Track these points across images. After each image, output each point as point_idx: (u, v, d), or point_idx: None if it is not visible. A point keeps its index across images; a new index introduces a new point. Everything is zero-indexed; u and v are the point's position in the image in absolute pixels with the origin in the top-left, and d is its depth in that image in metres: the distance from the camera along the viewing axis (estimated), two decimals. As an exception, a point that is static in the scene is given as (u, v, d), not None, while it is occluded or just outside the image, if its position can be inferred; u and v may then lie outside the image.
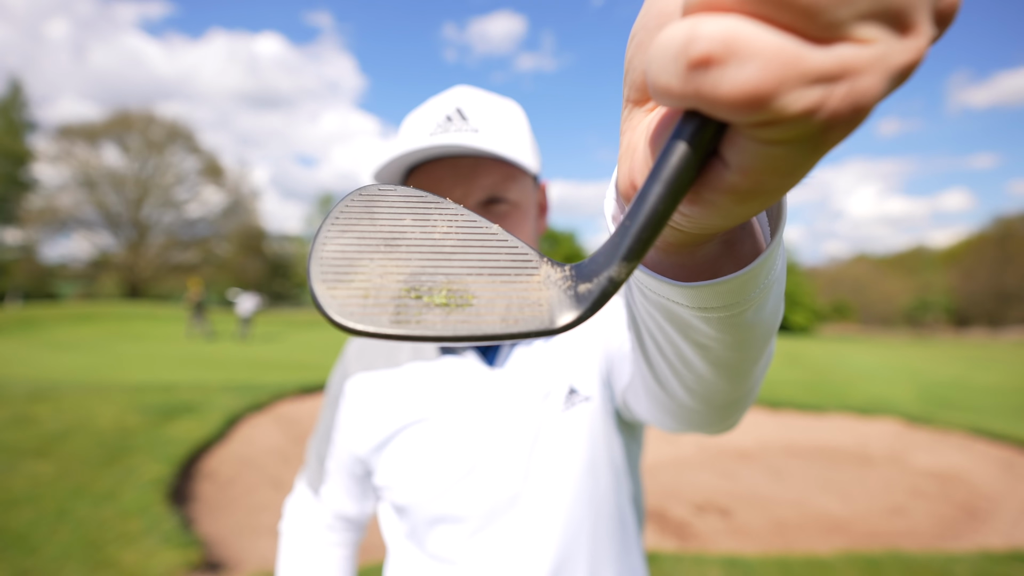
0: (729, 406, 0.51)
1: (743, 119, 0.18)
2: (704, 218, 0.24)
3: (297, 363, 11.00)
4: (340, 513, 0.95)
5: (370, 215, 0.26)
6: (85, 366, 9.50)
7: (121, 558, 2.95)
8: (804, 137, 0.19)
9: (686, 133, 0.20)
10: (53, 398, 6.21)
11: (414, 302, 0.23)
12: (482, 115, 0.79)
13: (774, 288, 0.35)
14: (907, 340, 32.09)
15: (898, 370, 13.78)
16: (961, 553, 3.35)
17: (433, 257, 0.25)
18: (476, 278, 0.24)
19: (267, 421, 6.11)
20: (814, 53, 0.17)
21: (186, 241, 42.77)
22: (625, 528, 0.85)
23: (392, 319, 0.22)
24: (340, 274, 0.24)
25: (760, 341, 0.40)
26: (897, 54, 0.18)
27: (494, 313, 0.23)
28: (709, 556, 3.27)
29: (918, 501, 4.47)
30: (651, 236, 0.22)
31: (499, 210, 0.78)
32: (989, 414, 7.72)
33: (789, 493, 4.56)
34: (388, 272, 0.24)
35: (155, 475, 4.12)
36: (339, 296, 0.23)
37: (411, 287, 0.24)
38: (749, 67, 0.17)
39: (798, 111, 0.17)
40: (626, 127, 0.27)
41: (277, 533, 3.50)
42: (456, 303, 0.23)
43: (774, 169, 0.20)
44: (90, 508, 3.52)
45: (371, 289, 0.23)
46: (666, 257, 0.32)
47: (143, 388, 7.14)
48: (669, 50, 0.18)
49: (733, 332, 0.36)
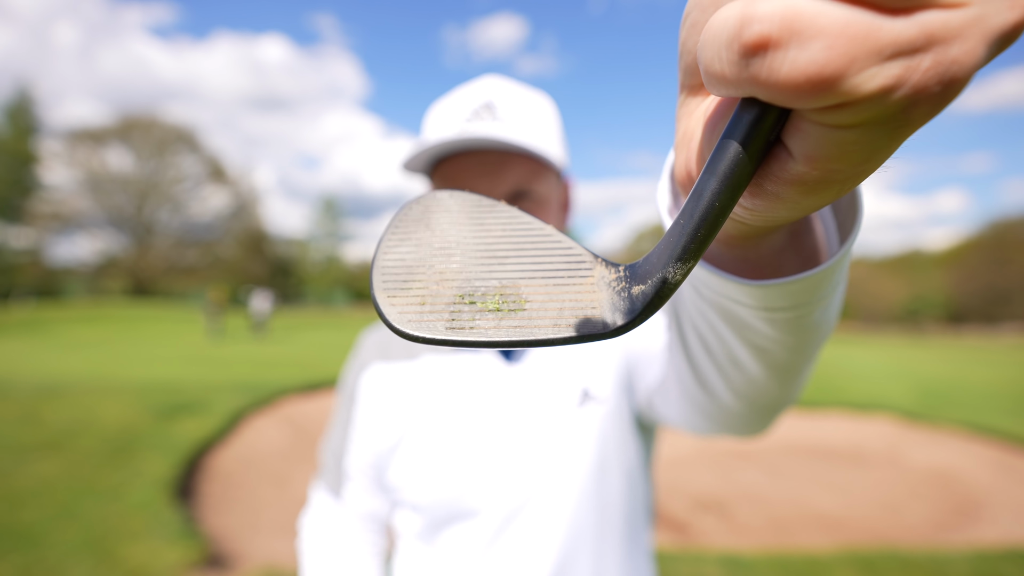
0: (772, 408, 0.48)
1: (808, 104, 0.16)
2: (768, 211, 0.22)
3: (301, 362, 11.04)
4: (367, 513, 0.90)
5: (427, 222, 0.27)
6: (91, 365, 9.58)
7: (126, 554, 3.00)
8: (882, 118, 0.16)
9: (744, 123, 0.19)
10: (60, 397, 6.29)
11: (467, 307, 0.23)
12: (511, 108, 0.77)
13: (841, 286, 0.32)
14: (903, 339, 31.90)
15: (894, 369, 13.73)
16: (957, 550, 3.36)
17: (487, 262, 0.25)
18: (529, 282, 0.24)
19: (271, 420, 6.17)
20: (891, 23, 0.15)
21: (191, 242, 43.04)
22: (634, 531, 0.83)
23: (447, 325, 0.23)
24: (399, 283, 0.24)
25: (820, 342, 0.37)
26: (998, 12, 0.15)
27: (546, 317, 0.23)
28: (707, 554, 3.29)
29: (914, 499, 4.48)
30: (709, 235, 0.20)
31: (524, 205, 0.77)
32: (985, 412, 7.70)
33: (786, 491, 4.58)
34: (444, 279, 0.25)
35: (160, 473, 4.17)
36: (398, 304, 0.24)
37: (465, 293, 0.24)
38: (813, 47, 0.15)
39: (873, 90, 0.15)
40: (682, 113, 0.25)
41: (280, 529, 3.56)
42: (508, 308, 0.23)
43: (846, 156, 0.18)
44: (96, 505, 3.58)
45: (427, 296, 0.24)
46: (728, 251, 0.30)
47: (149, 387, 7.21)
48: (721, 35, 0.17)
49: (796, 334, 0.33)
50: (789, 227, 0.29)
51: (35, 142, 37.16)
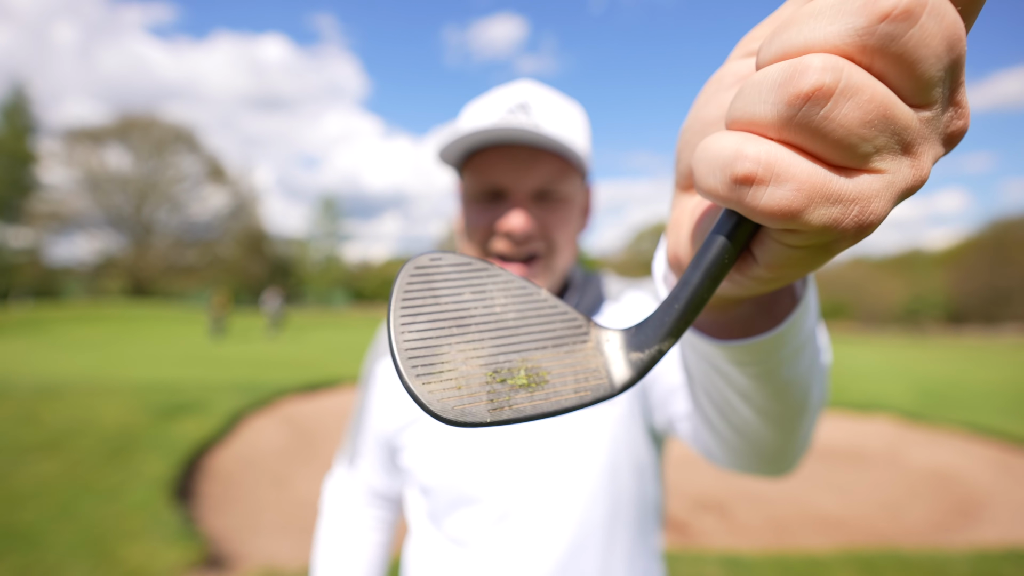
0: (776, 454, 0.52)
1: (774, 227, 0.22)
2: (731, 292, 0.29)
3: (300, 362, 11.04)
4: (373, 488, 0.99)
5: (433, 294, 0.28)
6: (90, 365, 9.57)
7: (125, 555, 2.99)
8: (819, 244, 0.23)
9: (725, 230, 0.24)
10: (59, 397, 6.28)
11: (500, 386, 0.26)
12: (546, 109, 0.81)
13: (805, 349, 0.38)
14: (903, 340, 31.91)
15: (894, 369, 13.74)
16: (957, 551, 3.36)
17: (502, 335, 0.27)
18: (542, 352, 0.27)
19: (270, 420, 6.16)
20: (837, 180, 0.21)
21: (190, 242, 42.99)
22: (644, 531, 0.85)
23: (488, 408, 0.25)
24: (427, 365, 0.25)
25: (798, 395, 0.43)
26: (903, 179, 0.21)
27: (567, 387, 0.26)
28: (707, 554, 3.29)
29: (914, 499, 4.48)
30: (693, 316, 0.26)
31: (551, 203, 0.80)
32: (985, 412, 7.70)
33: (786, 491, 4.57)
34: (469, 357, 0.26)
35: (159, 473, 4.16)
36: (435, 391, 0.25)
37: (494, 371, 0.26)
38: (785, 188, 0.20)
39: (819, 225, 0.21)
40: (674, 205, 0.32)
41: (279, 530, 3.56)
42: (535, 382, 0.26)
43: (792, 266, 0.25)
44: (95, 505, 3.57)
45: (460, 378, 0.25)
46: (704, 316, 0.38)
47: (148, 387, 7.20)
48: (717, 160, 0.22)
49: (770, 385, 0.40)
50: (753, 300, 0.36)
51: (33, 141, 37.10)
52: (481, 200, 0.81)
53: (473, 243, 0.82)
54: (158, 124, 40.48)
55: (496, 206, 0.79)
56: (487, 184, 0.79)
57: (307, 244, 51.46)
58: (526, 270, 0.80)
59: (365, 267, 55.06)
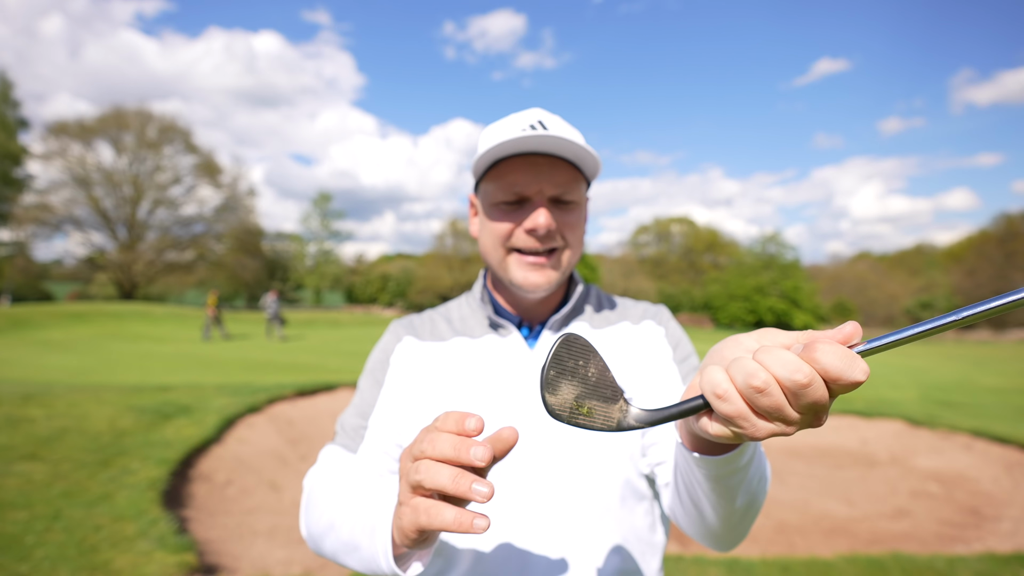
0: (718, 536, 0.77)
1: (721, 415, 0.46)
2: (700, 431, 0.51)
3: (293, 364, 10.93)
4: (379, 473, 0.90)
5: (570, 356, 0.51)
6: (78, 367, 9.41)
7: (115, 562, 2.90)
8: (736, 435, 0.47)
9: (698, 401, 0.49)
10: (46, 399, 6.13)
11: (576, 411, 0.50)
12: (559, 126, 0.95)
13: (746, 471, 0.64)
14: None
15: (901, 371, 13.82)
16: (964, 556, 3.33)
17: (586, 388, 0.51)
18: (596, 402, 0.51)
19: (263, 423, 6.05)
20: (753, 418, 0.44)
21: (181, 240, 42.53)
22: (652, 530, 0.91)
23: (568, 417, 0.50)
24: (554, 388, 0.50)
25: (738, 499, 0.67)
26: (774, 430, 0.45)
27: (598, 421, 0.51)
28: (710, 557, 3.25)
29: (921, 503, 4.45)
30: (667, 421, 0.51)
31: (565, 207, 0.93)
32: (992, 416, 7.72)
33: (791, 495, 4.54)
34: (570, 392, 0.50)
35: (149, 477, 4.06)
36: (553, 403, 0.50)
37: (578, 403, 0.50)
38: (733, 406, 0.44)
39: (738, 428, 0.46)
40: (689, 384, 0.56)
41: (272, 535, 3.47)
42: (588, 414, 0.50)
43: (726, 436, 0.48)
44: (83, 511, 3.47)
45: (564, 402, 0.50)
46: (695, 441, 0.61)
47: (137, 389, 7.06)
48: (710, 383, 0.45)
49: (720, 484, 0.64)
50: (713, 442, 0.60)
51: (19, 137, 36.51)
52: (505, 203, 0.92)
53: (497, 243, 0.93)
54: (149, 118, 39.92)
55: (519, 208, 0.91)
56: (511, 189, 0.90)
57: (302, 241, 51.09)
58: (547, 261, 0.92)
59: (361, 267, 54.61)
